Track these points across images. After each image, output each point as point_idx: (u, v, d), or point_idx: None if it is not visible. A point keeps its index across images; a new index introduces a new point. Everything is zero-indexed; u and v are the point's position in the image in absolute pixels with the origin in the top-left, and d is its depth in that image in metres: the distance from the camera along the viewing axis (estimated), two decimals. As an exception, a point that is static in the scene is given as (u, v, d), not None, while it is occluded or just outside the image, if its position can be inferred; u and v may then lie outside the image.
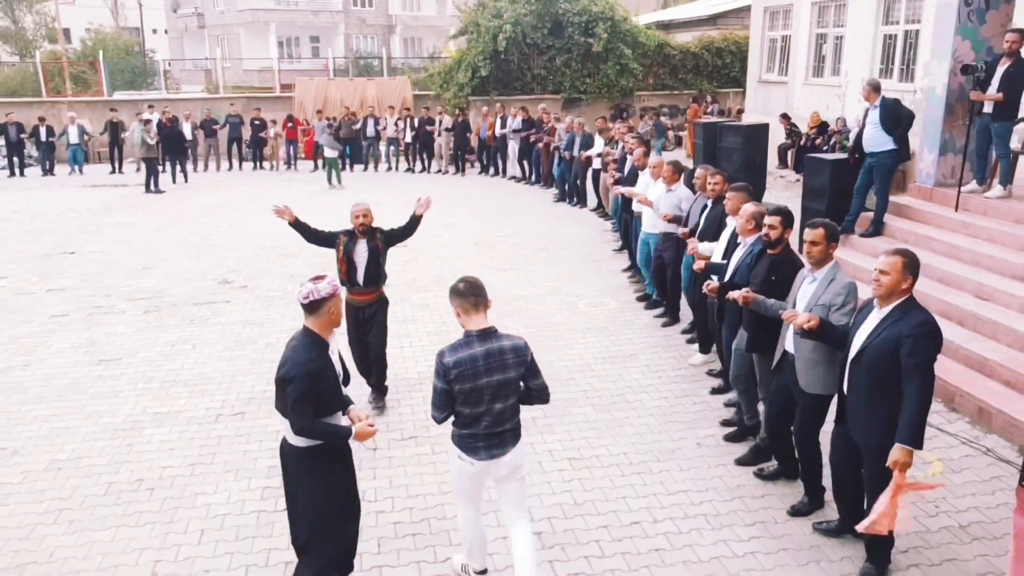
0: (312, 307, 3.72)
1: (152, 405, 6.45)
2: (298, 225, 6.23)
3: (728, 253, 5.95)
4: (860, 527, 3.88)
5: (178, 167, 18.75)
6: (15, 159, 19.82)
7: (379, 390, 6.47)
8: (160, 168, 17.85)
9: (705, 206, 6.98)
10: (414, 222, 6.31)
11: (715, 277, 5.81)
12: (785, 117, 16.18)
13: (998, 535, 4.57)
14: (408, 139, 19.98)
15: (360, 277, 6.14)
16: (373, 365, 6.39)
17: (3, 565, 4.40)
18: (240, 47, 42.59)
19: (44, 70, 24.73)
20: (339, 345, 4.02)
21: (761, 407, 5.51)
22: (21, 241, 12.61)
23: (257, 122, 20.19)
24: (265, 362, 7.27)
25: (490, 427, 3.80)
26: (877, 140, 8.33)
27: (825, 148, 13.77)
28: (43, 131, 19.57)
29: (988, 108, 8.08)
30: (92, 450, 5.71)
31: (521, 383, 3.85)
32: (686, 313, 8.10)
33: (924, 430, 3.86)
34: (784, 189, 14.83)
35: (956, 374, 6.20)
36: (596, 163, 13.81)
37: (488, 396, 3.73)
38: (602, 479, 5.23)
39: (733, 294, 4.97)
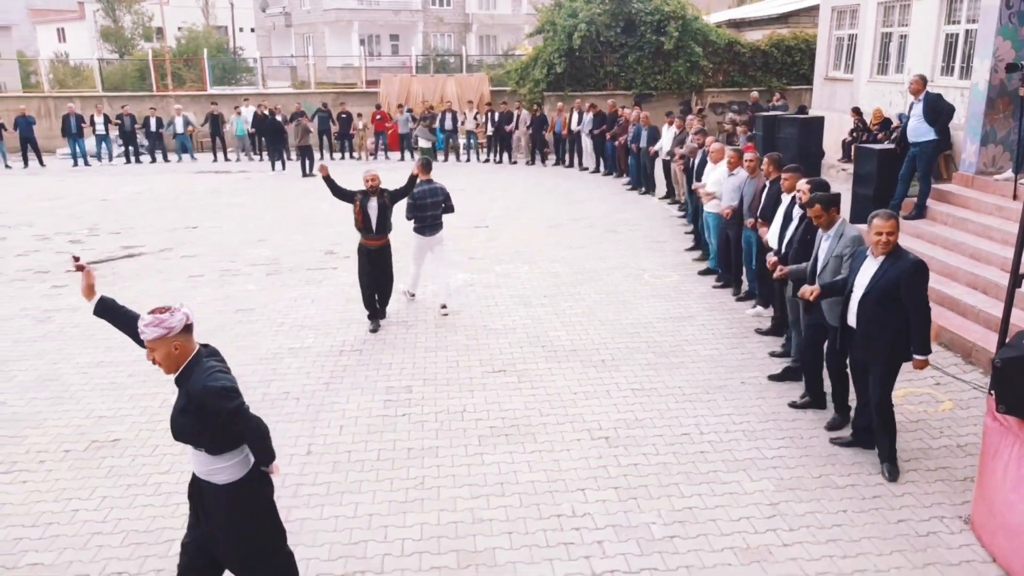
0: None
1: (287, 343, 7.83)
2: (329, 180, 8.06)
3: (784, 227, 6.99)
4: None
5: (275, 155, 20.53)
6: (130, 148, 21.89)
7: (381, 315, 8.37)
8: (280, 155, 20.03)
9: (764, 187, 7.97)
10: (411, 180, 8.21)
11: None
12: (856, 111, 16.76)
13: (989, 453, 5.49)
14: (489, 132, 21.30)
15: (373, 226, 7.97)
16: (380, 296, 8.31)
17: (196, 442, 5.76)
18: (325, 45, 44.67)
19: (155, 66, 26.77)
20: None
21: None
22: (148, 218, 14.32)
23: (344, 116, 21.76)
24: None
25: (430, 221, 8.38)
26: (920, 131, 9.18)
27: (887, 143, 14.42)
28: (153, 122, 21.55)
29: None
30: (245, 372, 7.09)
31: (443, 204, 8.40)
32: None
33: (929, 342, 4.97)
34: (844, 181, 15.52)
35: (974, 333, 7.07)
36: (664, 155, 14.80)
37: (429, 207, 8.30)
38: (659, 404, 6.34)
39: (777, 273, 6.20)
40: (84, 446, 5.75)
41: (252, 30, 57.18)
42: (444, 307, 8.53)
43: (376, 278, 8.19)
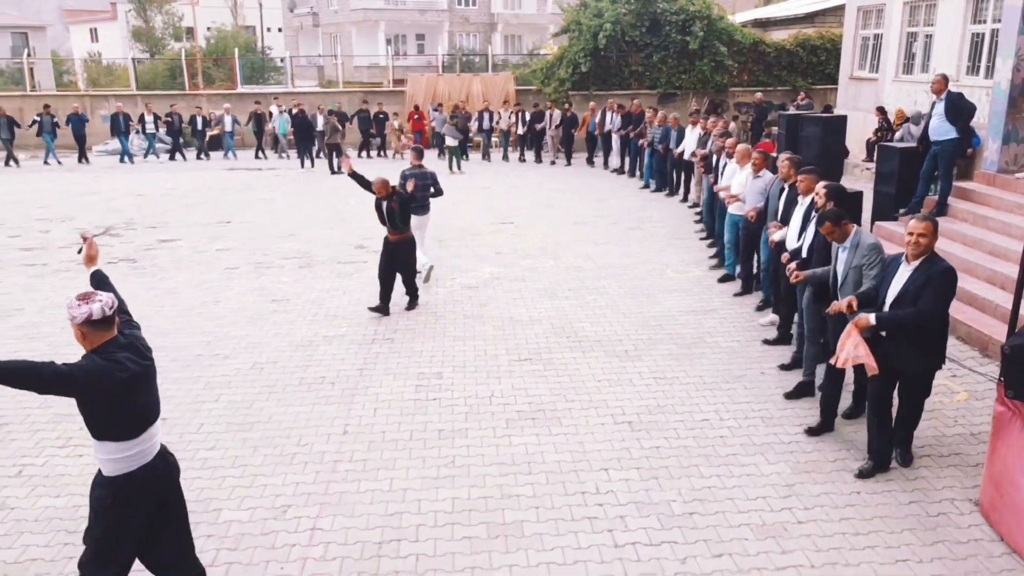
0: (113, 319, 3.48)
1: (321, 331, 8.14)
2: (355, 175, 8.70)
3: (803, 229, 7.08)
4: (834, 360, 5.16)
5: (306, 153, 20.95)
6: (176, 145, 22.56)
7: (412, 302, 8.89)
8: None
9: (782, 189, 8.03)
10: (410, 194, 8.81)
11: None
12: (880, 110, 16.78)
13: (1002, 441, 5.65)
14: (520, 131, 21.55)
15: (387, 224, 8.56)
16: (406, 285, 8.83)
17: (239, 421, 6.09)
18: (351, 45, 45.19)
19: (188, 65, 27.33)
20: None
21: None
22: (183, 212, 14.75)
23: (382, 115, 22.21)
24: (404, 305, 8.89)
25: (420, 201, 9.27)
26: (941, 130, 9.31)
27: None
28: (199, 120, 22.15)
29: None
30: (283, 357, 7.41)
31: (431, 186, 9.64)
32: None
33: (892, 326, 4.91)
34: (868, 180, 15.58)
35: (991, 327, 7.22)
36: (688, 156, 14.91)
37: (420, 188, 9.16)
38: (681, 391, 6.57)
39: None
40: (134, 424, 6.08)
41: (280, 30, 57.89)
42: (427, 274, 9.74)
43: (396, 269, 8.69)
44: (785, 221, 7.55)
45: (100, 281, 4.06)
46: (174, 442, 5.74)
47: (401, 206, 8.53)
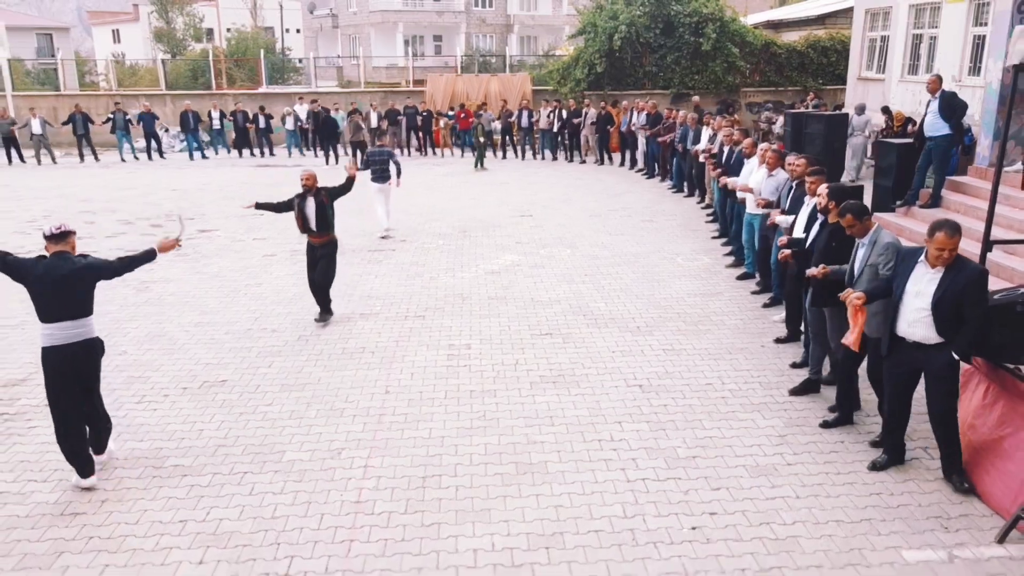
0: (64, 235, 5.10)
1: (358, 309, 8.88)
2: (261, 206, 8.37)
3: (808, 228, 7.48)
4: (845, 340, 5.37)
5: (330, 149, 21.79)
6: (241, 142, 23.63)
7: (324, 311, 8.44)
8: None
9: (791, 187, 8.44)
10: (350, 181, 8.48)
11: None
12: (885, 111, 17.34)
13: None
14: (555, 129, 22.10)
15: (313, 225, 8.17)
16: (317, 293, 8.37)
17: (291, 383, 6.83)
18: (370, 46, 46.04)
19: (215, 65, 28.20)
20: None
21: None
22: (219, 205, 15.54)
23: (425, 114, 23.05)
24: (434, 288, 9.64)
25: (379, 173, 12.17)
26: (936, 126, 9.94)
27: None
28: (262, 119, 23.14)
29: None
30: (325, 331, 8.16)
31: (390, 160, 12.14)
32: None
33: (974, 340, 4.92)
34: (871, 177, 16.18)
35: (974, 306, 7.84)
36: (701, 156, 15.48)
37: (378, 161, 12.19)
38: (687, 361, 7.25)
39: (811, 271, 5.98)
40: (198, 385, 6.84)
41: (299, 31, 58.87)
42: (387, 233, 12.34)
43: (315, 275, 8.34)
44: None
45: (147, 254, 5.58)
46: (235, 399, 6.51)
47: (332, 197, 8.17)
